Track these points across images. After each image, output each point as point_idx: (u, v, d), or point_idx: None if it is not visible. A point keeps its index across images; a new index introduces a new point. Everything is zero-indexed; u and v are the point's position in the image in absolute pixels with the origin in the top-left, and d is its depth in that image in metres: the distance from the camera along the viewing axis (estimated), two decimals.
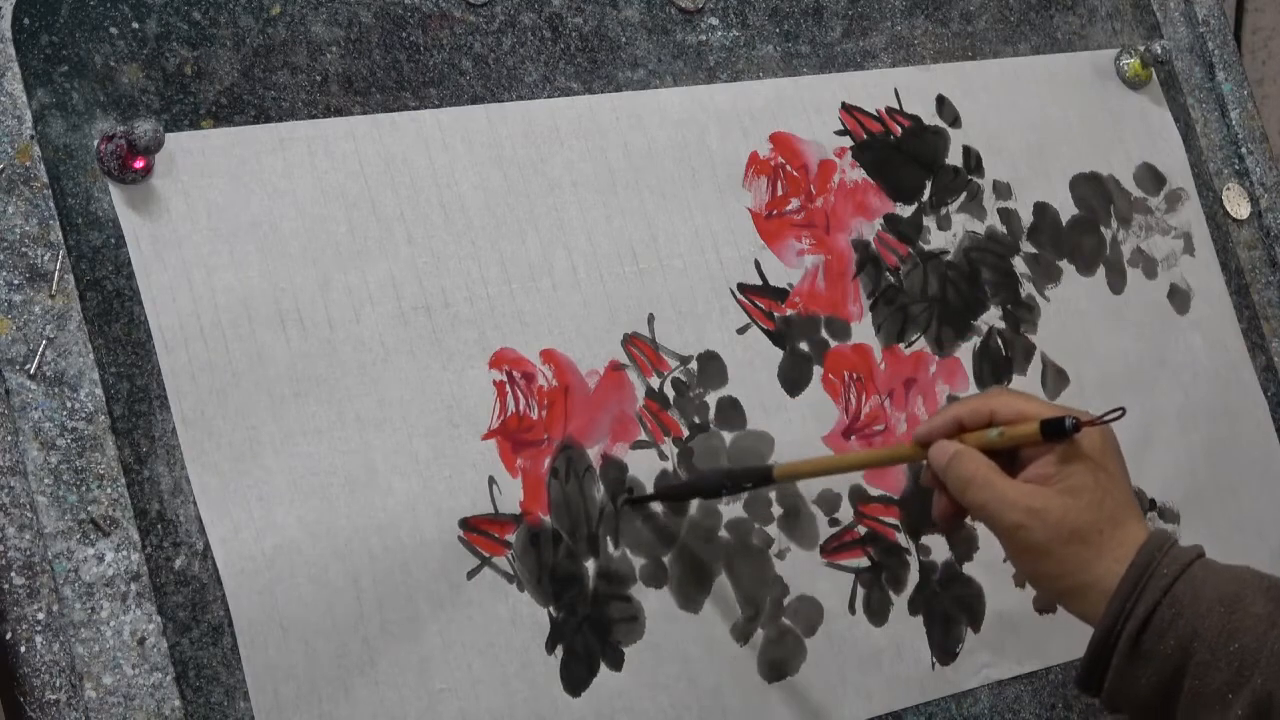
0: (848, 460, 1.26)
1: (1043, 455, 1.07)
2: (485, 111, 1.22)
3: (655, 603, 1.20)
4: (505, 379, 1.18)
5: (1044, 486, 1.06)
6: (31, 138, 1.07)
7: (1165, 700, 1.02)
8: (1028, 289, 1.41)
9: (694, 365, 1.25)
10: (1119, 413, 1.09)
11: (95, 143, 1.09)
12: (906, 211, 1.37)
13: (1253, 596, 1.02)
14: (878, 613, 1.28)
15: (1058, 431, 1.06)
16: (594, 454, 1.20)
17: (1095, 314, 1.44)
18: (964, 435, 1.10)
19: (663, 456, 1.22)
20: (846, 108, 1.37)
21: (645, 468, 1.21)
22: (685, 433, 1.24)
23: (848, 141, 1.36)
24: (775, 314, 1.29)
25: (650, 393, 1.23)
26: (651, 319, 1.25)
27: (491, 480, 1.16)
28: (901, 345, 1.34)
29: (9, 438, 1.03)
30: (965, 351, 1.37)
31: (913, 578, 1.30)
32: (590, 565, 1.18)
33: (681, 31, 1.32)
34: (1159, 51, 1.49)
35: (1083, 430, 1.07)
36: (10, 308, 1.05)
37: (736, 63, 1.33)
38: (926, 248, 1.37)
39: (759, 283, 1.29)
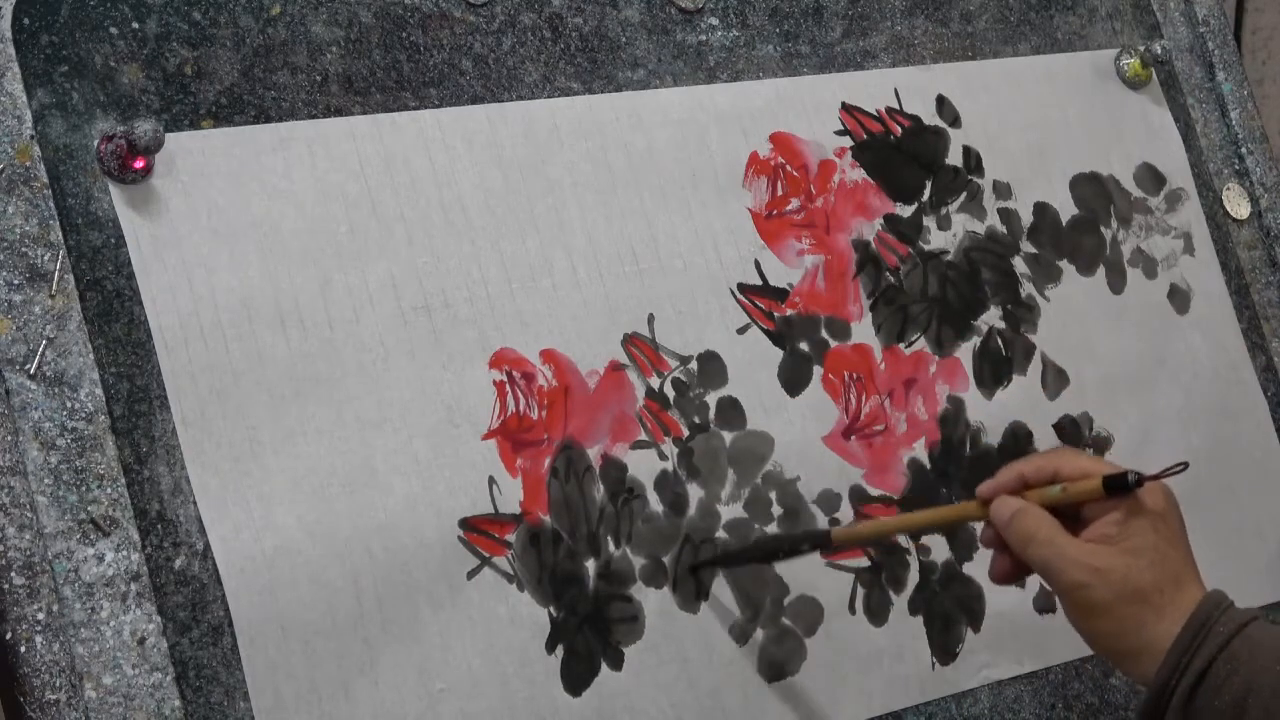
0: (907, 522, 1.25)
1: (1105, 515, 1.07)
2: (485, 111, 1.22)
3: (655, 603, 1.20)
4: (505, 379, 1.18)
5: (1107, 545, 1.06)
6: (31, 138, 1.07)
7: None
8: (1028, 289, 1.41)
9: (694, 365, 1.25)
10: (1181, 467, 1.09)
11: (95, 143, 1.09)
12: (906, 211, 1.37)
13: None
14: (878, 613, 1.28)
15: (1120, 486, 1.06)
16: (594, 454, 1.20)
17: (1095, 314, 1.44)
18: (1027, 493, 1.09)
19: (663, 456, 1.22)
20: (846, 108, 1.37)
21: (645, 468, 1.21)
22: (685, 433, 1.24)
23: (848, 141, 1.36)
24: (775, 314, 1.29)
25: (650, 393, 1.23)
26: (651, 319, 1.25)
27: (491, 480, 1.16)
28: (901, 345, 1.34)
29: (9, 438, 1.03)
30: (965, 351, 1.37)
31: (913, 578, 1.30)
32: (590, 565, 1.18)
33: (681, 31, 1.32)
34: (1159, 51, 1.49)
35: (1145, 489, 1.07)
36: (10, 308, 1.05)
37: (736, 63, 1.33)
38: (926, 248, 1.37)
39: (759, 283, 1.29)
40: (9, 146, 1.06)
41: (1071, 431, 1.40)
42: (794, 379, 1.29)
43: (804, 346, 1.30)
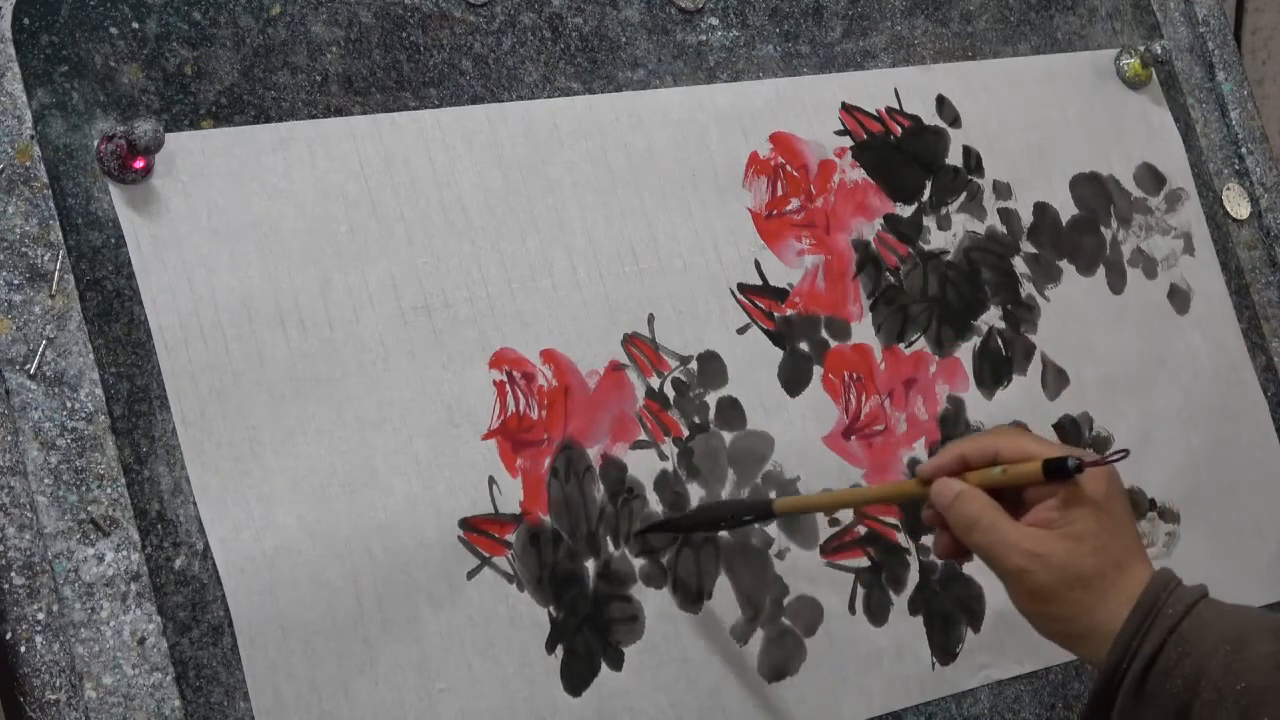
0: (848, 497, 1.25)
1: (1047, 498, 1.06)
2: (485, 111, 1.22)
3: (655, 603, 1.20)
4: (505, 379, 1.18)
5: (1048, 530, 1.05)
6: (31, 138, 1.07)
7: None
8: (1028, 289, 1.41)
9: (694, 365, 1.25)
10: (1122, 454, 1.08)
11: (95, 143, 1.09)
12: (906, 211, 1.37)
13: (1259, 636, 1.01)
14: (878, 613, 1.28)
15: (1060, 471, 1.05)
16: (594, 454, 1.20)
17: (1095, 314, 1.44)
18: (968, 474, 1.09)
19: (663, 456, 1.22)
20: (846, 108, 1.37)
21: (645, 468, 1.21)
22: (685, 433, 1.24)
23: (848, 141, 1.36)
24: (775, 314, 1.29)
25: (650, 393, 1.23)
26: (651, 319, 1.25)
27: (491, 480, 1.16)
28: (901, 345, 1.34)
29: (9, 438, 1.03)
30: (965, 351, 1.37)
31: (913, 578, 1.30)
32: (590, 565, 1.18)
33: (681, 31, 1.32)
34: (1159, 51, 1.49)
35: (1086, 473, 1.06)
36: (10, 308, 1.05)
37: (736, 63, 1.33)
38: (926, 248, 1.37)
39: (759, 283, 1.29)
40: (9, 146, 1.06)
41: (1072, 432, 1.40)
42: (794, 379, 1.29)
43: (804, 346, 1.30)
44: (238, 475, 1.09)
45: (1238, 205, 1.54)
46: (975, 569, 1.32)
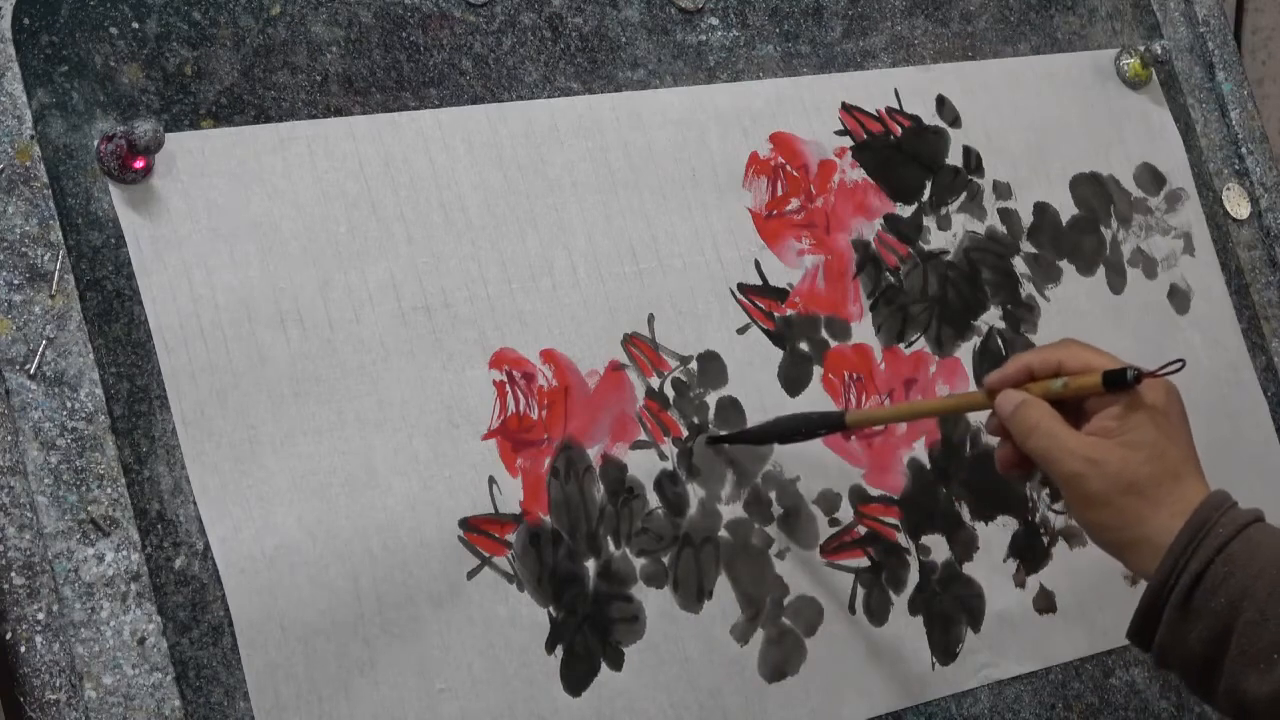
0: (919, 408, 1.30)
1: (1106, 409, 1.09)
2: (485, 111, 1.22)
3: (655, 603, 1.20)
4: (505, 379, 1.18)
5: (1105, 438, 1.08)
6: (31, 138, 1.07)
7: (1213, 658, 1.02)
8: (1028, 289, 1.41)
9: (694, 365, 1.25)
10: (1179, 364, 1.11)
11: (95, 143, 1.09)
12: (906, 211, 1.37)
13: None
14: (878, 613, 1.28)
15: (1119, 382, 1.08)
16: (594, 454, 1.20)
17: (1095, 314, 1.44)
18: (1030, 385, 1.12)
19: (663, 456, 1.22)
20: (846, 108, 1.37)
21: (645, 468, 1.21)
22: (685, 433, 1.24)
23: (848, 141, 1.36)
24: (775, 314, 1.29)
25: (650, 393, 1.23)
26: (651, 319, 1.25)
27: (491, 480, 1.16)
28: (901, 345, 1.34)
29: (9, 438, 1.03)
30: (965, 351, 1.37)
31: (913, 578, 1.30)
32: (590, 565, 1.18)
33: (681, 31, 1.32)
34: (1159, 51, 1.49)
35: (1146, 385, 1.08)
36: (10, 308, 1.05)
37: (736, 63, 1.33)
38: (926, 248, 1.37)
39: (759, 283, 1.29)
40: (9, 146, 1.06)
41: None
42: (794, 379, 1.29)
43: (804, 346, 1.30)
44: (238, 475, 1.09)
45: (1238, 205, 1.54)
46: (976, 569, 1.32)
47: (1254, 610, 1.01)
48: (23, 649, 1.01)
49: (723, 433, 1.24)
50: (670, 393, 1.24)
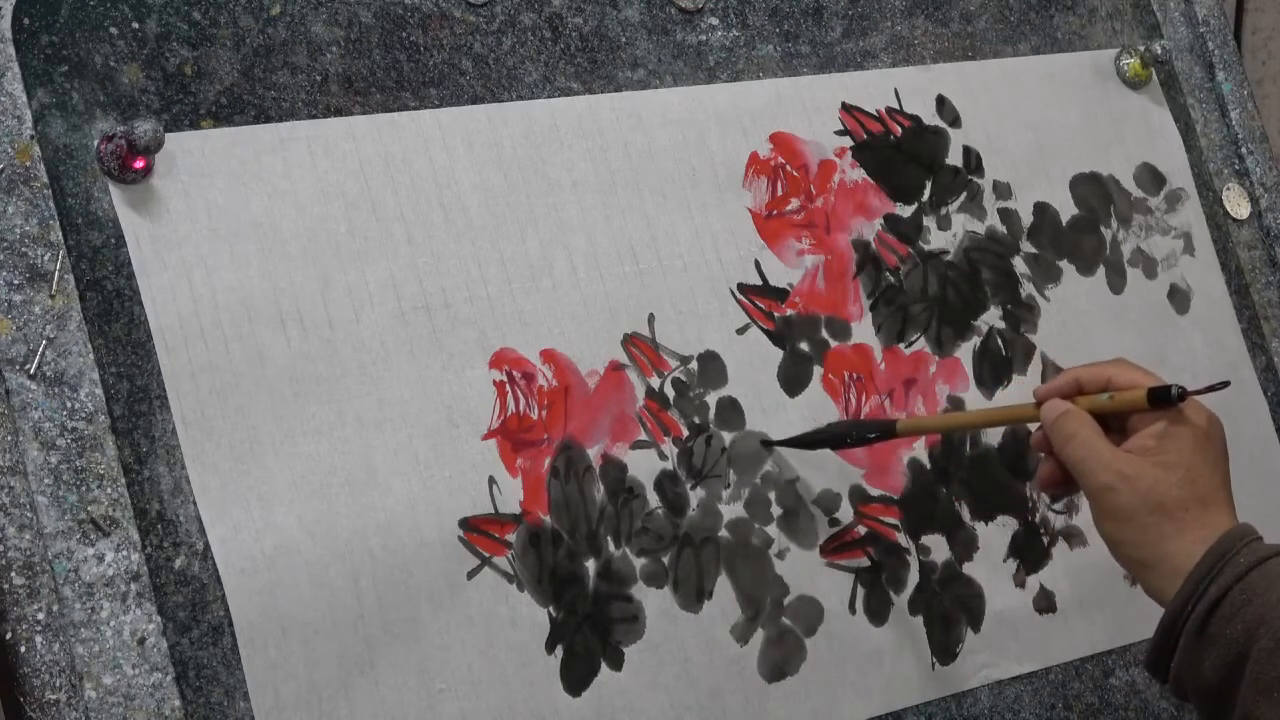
0: (969, 418, 1.31)
1: (1149, 427, 1.09)
2: (485, 111, 1.22)
3: (655, 603, 1.20)
4: (505, 379, 1.18)
5: (1142, 456, 1.08)
6: (31, 138, 1.07)
7: (1227, 686, 1.02)
8: (1028, 289, 1.41)
9: (694, 365, 1.25)
10: (1224, 384, 1.12)
11: (95, 143, 1.09)
12: (906, 211, 1.37)
13: None
14: (878, 613, 1.28)
15: (1164, 399, 1.09)
16: (594, 454, 1.20)
17: (1095, 314, 1.44)
18: (1078, 398, 1.13)
19: (663, 456, 1.22)
20: (846, 108, 1.37)
21: (645, 468, 1.21)
22: (685, 433, 1.24)
23: (848, 141, 1.36)
24: (775, 314, 1.29)
25: (650, 393, 1.23)
26: (651, 319, 1.25)
27: (491, 480, 1.16)
28: (901, 345, 1.34)
29: (9, 438, 1.03)
30: (965, 351, 1.37)
31: (913, 578, 1.30)
32: (590, 565, 1.18)
33: (681, 31, 1.32)
34: (1159, 51, 1.49)
35: (1190, 410, 1.09)
36: (10, 308, 1.05)
37: (736, 63, 1.33)
38: (926, 248, 1.37)
39: (759, 283, 1.29)
40: (9, 146, 1.06)
41: None
42: (794, 379, 1.29)
43: (804, 346, 1.30)
44: (238, 475, 1.09)
45: (1238, 205, 1.54)
46: (976, 568, 1.32)
47: (1269, 638, 1.01)
48: (23, 649, 1.01)
49: (779, 439, 1.26)
50: (670, 393, 1.24)
